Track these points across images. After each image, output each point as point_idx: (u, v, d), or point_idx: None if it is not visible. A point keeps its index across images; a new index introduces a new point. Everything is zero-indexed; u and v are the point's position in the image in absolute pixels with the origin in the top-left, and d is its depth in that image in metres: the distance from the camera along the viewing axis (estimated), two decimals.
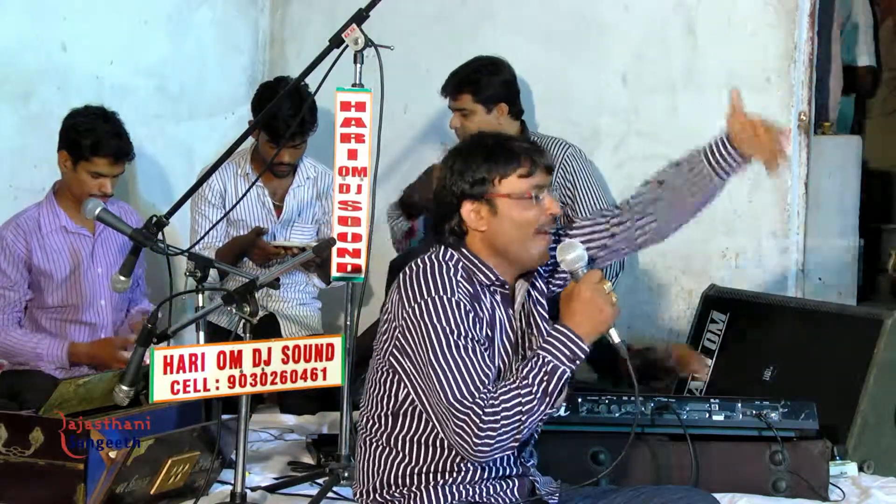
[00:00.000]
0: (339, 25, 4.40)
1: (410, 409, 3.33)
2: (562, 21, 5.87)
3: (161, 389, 3.62)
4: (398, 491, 3.36)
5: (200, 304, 4.25)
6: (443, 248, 3.39)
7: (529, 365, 3.23)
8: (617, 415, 4.28)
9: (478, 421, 3.16)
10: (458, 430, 3.18)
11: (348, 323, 4.48)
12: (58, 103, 5.49)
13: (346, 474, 4.26)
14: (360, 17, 4.38)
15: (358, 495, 3.46)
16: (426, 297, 3.26)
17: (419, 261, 3.35)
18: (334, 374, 3.86)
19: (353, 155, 4.42)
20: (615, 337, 3.33)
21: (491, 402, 3.17)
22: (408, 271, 3.34)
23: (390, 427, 3.36)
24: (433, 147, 6.02)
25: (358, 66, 4.41)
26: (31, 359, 4.95)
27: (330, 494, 4.23)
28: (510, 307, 3.42)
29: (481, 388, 3.19)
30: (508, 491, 3.40)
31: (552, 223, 3.39)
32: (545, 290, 3.52)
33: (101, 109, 4.95)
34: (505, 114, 5.46)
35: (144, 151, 5.83)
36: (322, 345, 3.84)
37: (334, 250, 4.38)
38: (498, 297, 3.39)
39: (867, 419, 4.63)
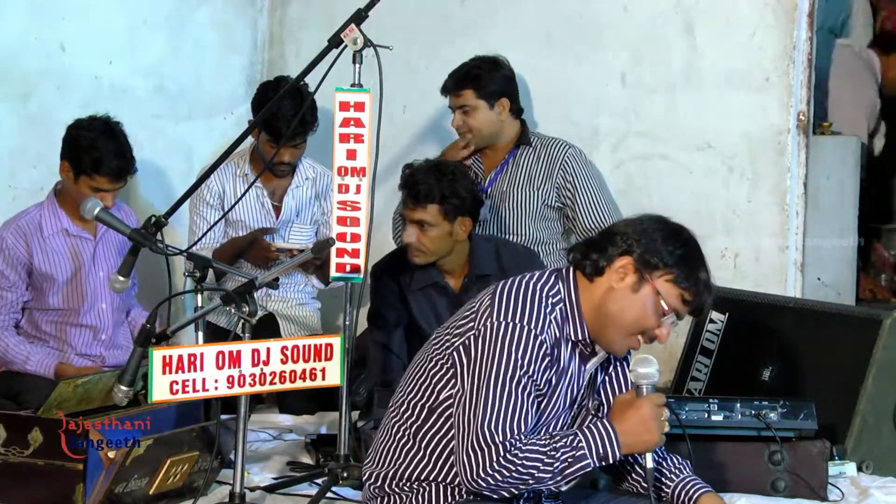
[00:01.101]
0: (337, 26, 4.40)
1: (446, 411, 3.32)
2: (561, 21, 5.87)
3: (160, 389, 3.62)
4: (407, 485, 3.37)
5: (199, 305, 4.25)
6: (552, 279, 3.36)
7: (565, 441, 3.23)
8: None
9: (494, 458, 3.17)
10: (472, 453, 3.18)
11: (347, 323, 4.47)
12: (57, 103, 5.49)
13: (344, 474, 4.26)
14: (358, 18, 4.38)
15: (366, 477, 3.45)
16: (516, 321, 3.25)
17: (526, 280, 3.33)
18: (333, 374, 3.86)
19: (352, 155, 4.42)
20: (649, 461, 3.35)
21: (515, 451, 3.17)
22: (511, 282, 3.32)
23: (422, 420, 3.36)
24: (432, 147, 6.01)
25: (357, 66, 4.41)
26: (20, 369, 4.95)
27: (329, 494, 4.23)
28: (584, 364, 3.40)
29: (516, 430, 3.19)
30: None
31: (648, 342, 3.37)
32: (617, 373, 3.50)
33: (106, 123, 4.92)
34: (506, 110, 5.46)
35: (143, 152, 5.81)
36: (321, 345, 3.84)
37: (333, 250, 4.38)
38: (577, 351, 3.37)
39: (866, 419, 4.63)
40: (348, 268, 4.41)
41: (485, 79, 5.42)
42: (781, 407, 4.32)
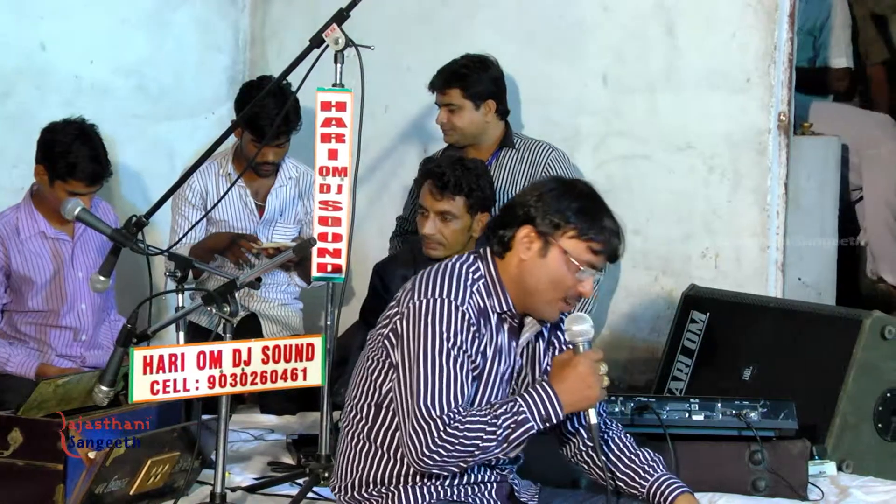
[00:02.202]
0: (319, 25, 4.40)
1: (392, 403, 3.33)
2: (542, 21, 5.87)
3: (141, 390, 3.61)
4: (376, 490, 3.36)
5: (180, 305, 4.25)
6: (472, 258, 3.39)
7: (505, 407, 3.24)
8: None
9: (436, 434, 3.17)
10: (413, 433, 3.19)
11: (328, 323, 4.47)
12: (36, 103, 5.48)
13: (325, 474, 4.26)
14: (340, 17, 4.38)
15: (336, 490, 3.46)
16: (436, 296, 3.27)
17: (446, 262, 3.37)
18: (314, 374, 3.86)
19: (333, 155, 4.42)
20: (593, 417, 3.35)
21: (456, 423, 3.18)
22: (430, 269, 3.35)
23: (371, 419, 3.37)
24: (414, 147, 6.02)
25: (338, 65, 4.42)
26: (0, 371, 4.93)
27: (310, 494, 4.23)
28: (515, 339, 3.42)
29: (453, 403, 3.20)
30: (486, 493, 3.41)
31: (576, 300, 3.39)
32: (553, 343, 3.52)
33: (80, 126, 4.89)
34: (492, 111, 5.46)
35: (124, 152, 5.81)
36: (302, 345, 3.84)
37: (315, 250, 4.38)
38: (505, 326, 3.39)
39: (846, 419, 4.65)
40: (330, 268, 4.41)
41: (472, 79, 5.42)
42: (762, 407, 4.33)
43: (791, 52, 5.52)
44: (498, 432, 3.21)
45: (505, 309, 3.36)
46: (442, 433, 3.17)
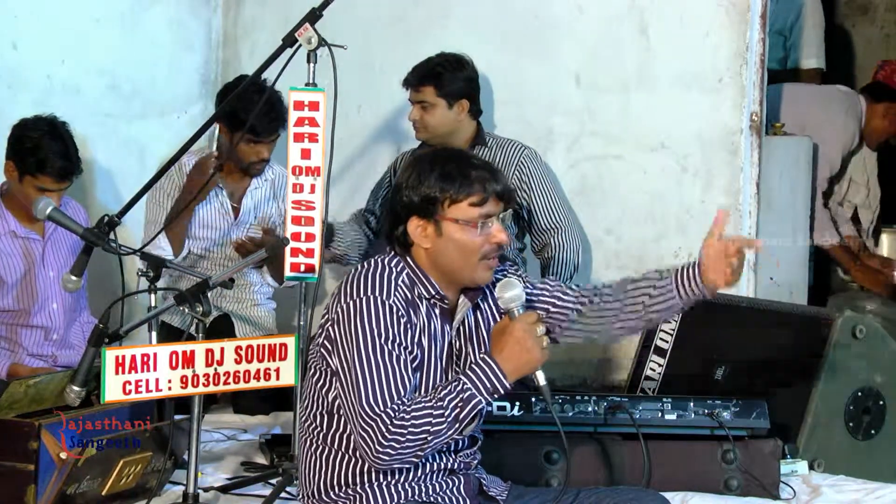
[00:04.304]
0: (292, 25, 4.39)
1: (341, 409, 3.34)
2: (515, 21, 5.87)
3: (113, 390, 3.61)
4: (343, 491, 3.36)
5: (153, 304, 4.24)
6: (392, 253, 3.42)
7: (448, 388, 3.25)
8: (570, 414, 4.29)
9: (384, 430, 3.18)
10: (363, 433, 3.20)
11: (301, 323, 4.47)
12: (8, 102, 5.45)
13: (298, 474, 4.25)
14: (313, 17, 4.38)
15: (302, 497, 3.46)
16: (361, 295, 3.28)
17: (366, 261, 3.40)
18: (287, 374, 3.86)
19: (306, 154, 4.42)
20: (541, 379, 3.35)
21: (402, 414, 3.19)
22: (353, 270, 3.37)
23: (325, 426, 3.38)
24: (387, 146, 6.01)
25: (311, 65, 4.41)
26: None
27: (283, 495, 4.22)
28: (448, 322, 3.43)
29: (395, 396, 3.21)
30: (454, 488, 3.41)
31: (497, 251, 3.40)
32: (491, 314, 3.52)
33: (51, 123, 4.88)
34: (465, 111, 5.46)
35: (96, 151, 5.78)
36: (275, 345, 3.84)
37: (288, 250, 4.38)
38: (437, 311, 3.40)
39: (818, 418, 4.66)
40: (303, 267, 4.40)
41: (446, 78, 5.42)
42: (734, 406, 4.35)
43: (763, 52, 5.54)
44: (446, 413, 3.21)
45: (433, 293, 3.38)
46: (390, 427, 3.18)
